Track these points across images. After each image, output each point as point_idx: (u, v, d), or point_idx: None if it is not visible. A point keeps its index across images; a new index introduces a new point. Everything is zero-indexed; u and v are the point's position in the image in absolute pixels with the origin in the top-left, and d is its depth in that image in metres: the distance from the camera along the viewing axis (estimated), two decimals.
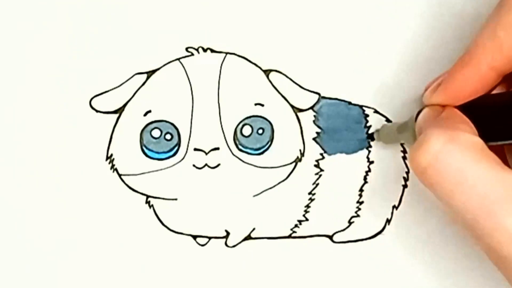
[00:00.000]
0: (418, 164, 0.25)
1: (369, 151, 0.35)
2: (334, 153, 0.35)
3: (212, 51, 0.34)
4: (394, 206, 0.35)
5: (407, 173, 0.35)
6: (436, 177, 0.25)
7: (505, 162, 0.30)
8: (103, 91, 0.34)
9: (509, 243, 0.23)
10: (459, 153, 0.25)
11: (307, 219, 0.35)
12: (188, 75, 0.34)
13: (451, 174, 0.25)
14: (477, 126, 0.27)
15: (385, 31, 0.35)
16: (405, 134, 0.31)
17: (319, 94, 0.35)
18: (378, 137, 0.34)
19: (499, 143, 0.27)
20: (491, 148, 0.26)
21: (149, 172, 0.34)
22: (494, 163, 0.25)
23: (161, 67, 0.34)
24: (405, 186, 0.35)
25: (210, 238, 0.35)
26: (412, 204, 0.35)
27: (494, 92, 0.29)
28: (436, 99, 0.29)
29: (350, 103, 0.35)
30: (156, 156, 0.34)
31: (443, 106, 0.29)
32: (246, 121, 0.34)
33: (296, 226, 0.35)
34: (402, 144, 0.34)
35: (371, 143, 0.35)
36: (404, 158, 0.34)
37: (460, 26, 0.35)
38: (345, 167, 0.35)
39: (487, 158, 0.25)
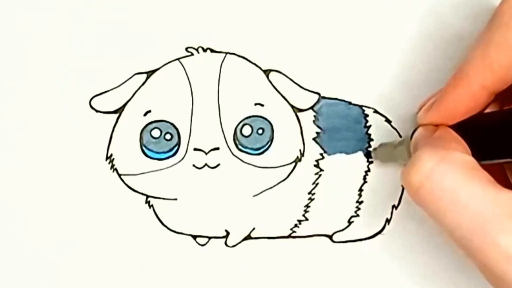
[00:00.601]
0: (410, 184, 0.25)
1: (369, 151, 0.35)
2: (334, 153, 0.35)
3: (212, 51, 0.34)
4: (393, 206, 0.35)
5: None
6: (429, 196, 0.25)
7: (506, 180, 0.30)
8: (103, 91, 0.34)
9: (503, 262, 0.23)
10: (451, 172, 0.25)
11: (307, 219, 0.35)
12: (188, 75, 0.34)
13: (444, 193, 0.25)
14: (471, 145, 0.27)
15: (385, 31, 0.35)
16: (401, 152, 0.31)
17: (319, 94, 0.35)
18: (376, 156, 0.34)
19: (493, 161, 0.28)
20: (490, 167, 0.26)
21: (149, 172, 0.34)
22: (487, 181, 0.25)
23: (161, 67, 0.34)
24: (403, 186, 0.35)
25: (210, 238, 0.35)
26: (412, 204, 0.34)
27: (487, 110, 0.29)
28: (430, 118, 0.29)
29: (350, 103, 0.35)
30: (156, 156, 0.34)
31: (437, 125, 0.29)
32: (246, 121, 0.34)
33: (296, 226, 0.35)
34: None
35: (371, 143, 0.35)
36: None
37: (461, 26, 0.35)
38: (345, 167, 0.35)
39: (479, 176, 0.25)
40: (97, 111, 0.34)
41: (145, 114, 0.34)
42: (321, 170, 0.35)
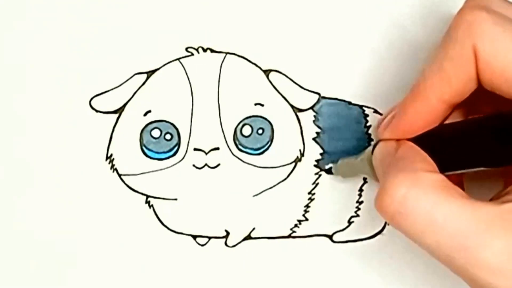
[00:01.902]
0: (385, 212, 0.26)
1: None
2: (334, 153, 0.35)
3: (212, 51, 0.34)
4: None
5: None
6: (405, 222, 0.25)
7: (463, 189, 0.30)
8: (103, 91, 0.34)
9: (488, 275, 0.24)
10: (424, 195, 0.25)
11: (306, 219, 0.35)
12: (188, 75, 0.34)
13: (420, 217, 0.25)
14: (433, 157, 0.27)
15: (385, 32, 0.35)
16: (362, 168, 0.32)
17: (319, 94, 0.35)
18: (336, 172, 0.34)
19: (456, 172, 0.28)
20: (448, 177, 0.26)
21: (149, 172, 0.34)
22: (460, 197, 0.25)
23: (161, 67, 0.34)
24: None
25: (210, 238, 0.35)
26: None
27: (448, 121, 0.29)
28: (389, 134, 0.29)
29: (350, 103, 0.35)
30: (156, 156, 0.34)
31: (398, 140, 0.29)
32: (246, 121, 0.34)
33: (296, 226, 0.35)
34: None
35: (371, 142, 0.35)
36: None
37: None
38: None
39: (453, 194, 0.25)
40: (97, 111, 0.34)
41: (145, 114, 0.34)
42: (321, 170, 0.35)
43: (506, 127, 0.26)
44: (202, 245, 0.34)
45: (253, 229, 0.35)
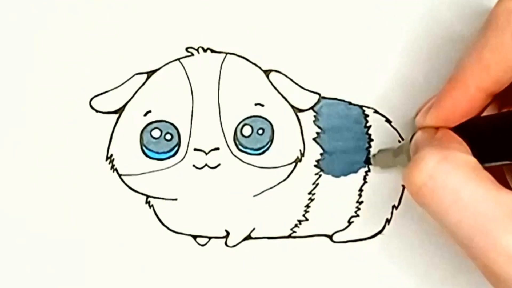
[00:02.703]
0: (412, 184, 0.25)
1: (369, 151, 0.35)
2: (334, 153, 0.35)
3: (212, 51, 0.34)
4: (394, 206, 0.35)
5: None
6: (431, 196, 0.25)
7: (505, 182, 0.30)
8: (103, 91, 0.34)
9: (504, 262, 0.23)
10: (453, 172, 0.25)
11: (307, 219, 0.35)
12: (188, 75, 0.34)
13: (446, 193, 0.25)
14: (472, 148, 0.27)
15: (385, 31, 0.35)
16: (401, 157, 0.31)
17: (319, 94, 0.35)
18: (375, 162, 0.34)
19: (494, 164, 0.27)
20: (489, 169, 0.26)
21: (149, 172, 0.34)
22: (489, 182, 0.25)
23: (161, 67, 0.34)
24: (405, 186, 0.35)
25: (210, 238, 0.35)
26: (412, 204, 0.35)
27: (486, 113, 0.29)
28: (429, 121, 0.29)
29: (350, 103, 0.35)
30: (156, 156, 0.34)
31: (437, 129, 0.29)
32: (246, 121, 0.34)
33: (296, 226, 0.35)
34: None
35: (371, 143, 0.35)
36: None
37: (460, 27, 0.35)
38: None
39: (481, 177, 0.25)
40: (97, 111, 0.34)
41: (145, 114, 0.34)
42: (321, 170, 0.35)
43: None
44: (202, 245, 0.34)
45: (253, 229, 0.35)
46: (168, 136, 0.34)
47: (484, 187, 0.24)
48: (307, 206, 0.35)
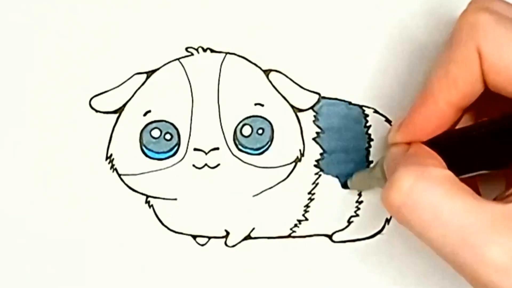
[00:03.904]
0: (391, 204, 0.25)
1: (369, 151, 0.35)
2: (334, 153, 0.35)
3: (212, 51, 0.34)
4: None
5: None
6: (411, 214, 0.25)
7: (478, 193, 0.30)
8: (103, 91, 0.34)
9: (491, 273, 0.24)
10: (431, 188, 0.25)
11: (306, 219, 0.35)
12: (188, 75, 0.34)
13: (426, 210, 0.25)
14: (446, 160, 0.27)
15: (385, 31, 0.35)
16: (376, 177, 0.31)
17: (319, 94, 0.35)
18: (352, 185, 0.34)
19: (468, 175, 0.28)
20: (463, 180, 0.26)
21: (149, 172, 0.34)
22: (467, 194, 0.25)
23: (161, 67, 0.34)
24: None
25: (210, 238, 0.35)
26: None
27: (460, 125, 0.29)
28: (400, 137, 0.29)
29: (350, 103, 0.35)
30: (156, 156, 0.34)
31: (409, 144, 0.29)
32: (246, 121, 0.34)
33: (295, 225, 0.35)
34: None
35: (371, 143, 0.35)
36: None
37: None
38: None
39: (460, 190, 0.25)
40: (97, 111, 0.34)
41: (145, 114, 0.34)
42: (321, 170, 0.35)
43: None
44: (202, 245, 0.34)
45: (253, 229, 0.35)
46: (167, 136, 0.34)
47: (463, 201, 0.24)
48: (307, 206, 0.35)
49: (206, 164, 0.34)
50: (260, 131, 0.34)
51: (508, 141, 0.26)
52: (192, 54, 0.34)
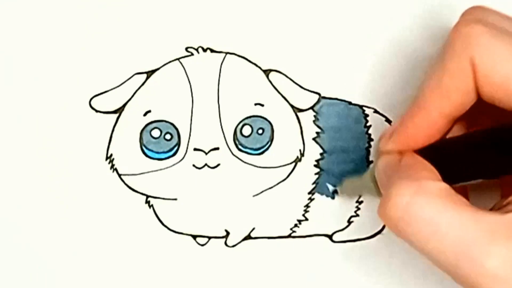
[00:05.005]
0: (389, 219, 0.26)
1: (369, 151, 0.35)
2: (334, 153, 0.35)
3: (212, 51, 0.34)
4: None
5: None
6: (409, 229, 0.25)
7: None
8: (103, 91, 0.34)
9: (491, 284, 0.24)
10: (428, 203, 0.25)
11: (306, 219, 0.35)
12: (188, 75, 0.34)
13: (424, 224, 0.25)
14: (438, 169, 0.27)
15: (385, 31, 0.35)
16: (367, 185, 0.31)
17: (319, 94, 0.35)
18: (341, 191, 0.34)
19: (460, 184, 0.28)
20: (454, 189, 0.26)
21: (149, 172, 0.34)
22: (464, 206, 0.25)
23: (161, 67, 0.34)
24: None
25: (210, 238, 0.35)
26: None
27: (449, 135, 0.29)
28: (391, 146, 0.29)
29: (350, 103, 0.35)
30: (156, 156, 0.34)
31: (400, 152, 0.29)
32: (246, 121, 0.34)
33: (295, 225, 0.35)
34: None
35: (371, 143, 0.35)
36: None
37: None
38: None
39: (457, 202, 0.25)
40: (97, 111, 0.34)
41: (145, 114, 0.34)
42: (321, 170, 0.35)
43: (505, 139, 0.26)
44: (202, 245, 0.34)
45: (253, 229, 0.35)
46: (167, 136, 0.34)
47: (460, 213, 0.24)
48: (307, 206, 0.35)
49: (206, 164, 0.34)
50: (260, 131, 0.34)
51: (500, 151, 0.26)
52: (192, 54, 0.34)
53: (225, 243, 0.35)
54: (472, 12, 0.27)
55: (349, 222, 0.35)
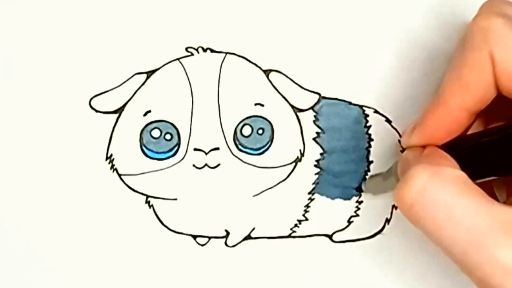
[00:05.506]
0: (403, 202, 0.25)
1: (369, 151, 0.35)
2: (334, 153, 0.35)
3: (212, 51, 0.34)
4: (393, 206, 0.35)
5: None
6: (423, 212, 0.25)
7: (494, 196, 0.30)
8: (103, 91, 0.34)
9: (500, 275, 0.23)
10: (444, 187, 0.25)
11: (306, 219, 0.35)
12: (188, 75, 0.34)
13: (438, 208, 0.25)
14: (461, 165, 0.27)
15: (385, 31, 0.35)
16: (390, 180, 0.31)
17: (319, 94, 0.35)
18: (366, 189, 0.34)
19: (482, 180, 0.28)
20: (479, 185, 0.26)
21: (149, 172, 0.34)
22: (480, 195, 0.25)
23: (161, 67, 0.34)
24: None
25: (210, 238, 0.35)
26: None
27: (472, 130, 0.29)
28: (414, 141, 0.29)
29: (350, 103, 0.35)
30: (156, 156, 0.34)
31: (423, 147, 0.29)
32: (246, 121, 0.34)
33: (296, 225, 0.35)
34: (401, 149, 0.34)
35: (371, 143, 0.35)
36: None
37: (462, 26, 0.35)
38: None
39: (473, 190, 0.25)
40: (97, 111, 0.34)
41: (145, 114, 0.34)
42: (322, 170, 0.35)
43: None
44: (202, 245, 0.34)
45: (253, 229, 0.35)
46: (168, 136, 0.34)
47: (476, 201, 0.24)
48: (307, 206, 0.35)
49: (206, 164, 0.34)
50: (260, 131, 0.34)
51: None
52: (192, 54, 0.34)
53: (225, 243, 0.35)
54: (491, 5, 0.27)
55: (349, 222, 0.35)
